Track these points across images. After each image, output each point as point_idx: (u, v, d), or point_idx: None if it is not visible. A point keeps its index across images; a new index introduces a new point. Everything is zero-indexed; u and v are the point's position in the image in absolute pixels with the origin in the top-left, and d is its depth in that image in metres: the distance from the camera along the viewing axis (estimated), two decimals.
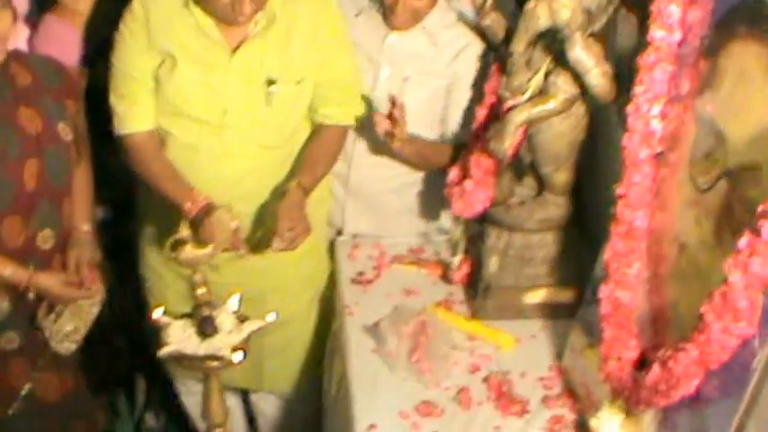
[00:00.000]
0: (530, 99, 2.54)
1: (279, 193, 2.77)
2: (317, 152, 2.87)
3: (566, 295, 2.81)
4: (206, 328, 2.41)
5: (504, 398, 2.48)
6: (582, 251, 2.83)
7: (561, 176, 2.71)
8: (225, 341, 2.41)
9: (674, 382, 1.93)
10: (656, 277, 2.25)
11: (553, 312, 2.81)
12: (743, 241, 1.75)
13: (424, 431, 2.38)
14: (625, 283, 2.27)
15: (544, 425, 2.43)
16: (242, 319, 2.48)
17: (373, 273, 3.00)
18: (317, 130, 2.89)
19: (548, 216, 2.76)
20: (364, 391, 2.52)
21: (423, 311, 2.74)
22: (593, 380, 2.42)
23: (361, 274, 2.99)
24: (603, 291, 2.29)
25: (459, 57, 2.92)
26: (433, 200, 3.09)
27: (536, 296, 2.82)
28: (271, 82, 2.70)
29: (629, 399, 2.13)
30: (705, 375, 1.91)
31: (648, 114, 2.24)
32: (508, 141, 2.51)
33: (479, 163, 2.69)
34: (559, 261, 2.81)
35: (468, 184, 2.71)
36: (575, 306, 2.76)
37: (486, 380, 2.57)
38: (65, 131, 2.67)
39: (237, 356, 2.39)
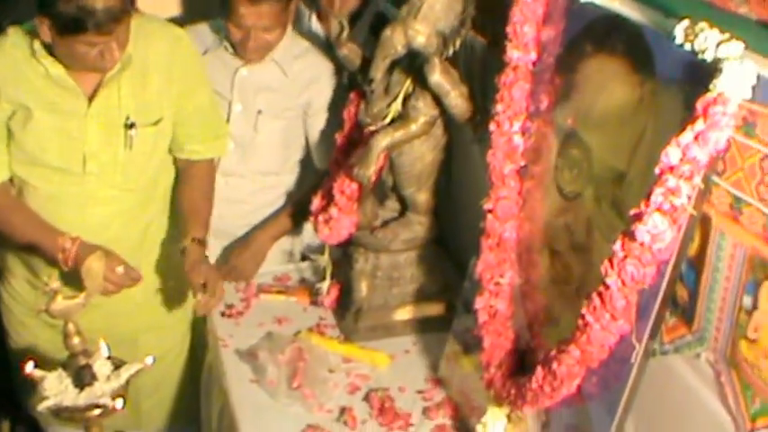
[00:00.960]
0: (391, 123, 2.63)
1: (168, 251, 2.77)
2: (195, 196, 2.88)
3: (434, 309, 2.93)
4: (84, 377, 2.37)
5: (387, 414, 2.55)
6: (445, 266, 2.93)
7: (423, 196, 2.81)
8: (104, 389, 2.37)
9: (557, 382, 2.03)
10: (529, 284, 2.36)
11: (423, 327, 2.92)
12: (617, 245, 1.86)
13: None
14: (499, 293, 2.37)
15: None
16: (117, 364, 2.45)
17: (242, 304, 3.03)
18: (186, 169, 2.89)
19: (413, 235, 2.85)
20: (249, 420, 2.55)
21: (297, 338, 2.79)
22: (472, 387, 2.53)
23: (230, 306, 3.02)
24: (479, 301, 2.38)
25: (311, 86, 2.99)
26: (294, 229, 3.15)
27: (406, 313, 2.91)
28: (130, 125, 2.68)
29: (513, 402, 2.23)
30: (586, 374, 2.02)
31: (510, 131, 2.35)
32: (373, 166, 2.59)
33: (343, 190, 2.76)
34: (426, 278, 2.91)
35: (333, 211, 2.77)
36: (443, 319, 2.88)
37: (366, 398, 2.63)
38: None
39: (119, 403, 2.35)
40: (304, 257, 3.31)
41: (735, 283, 1.83)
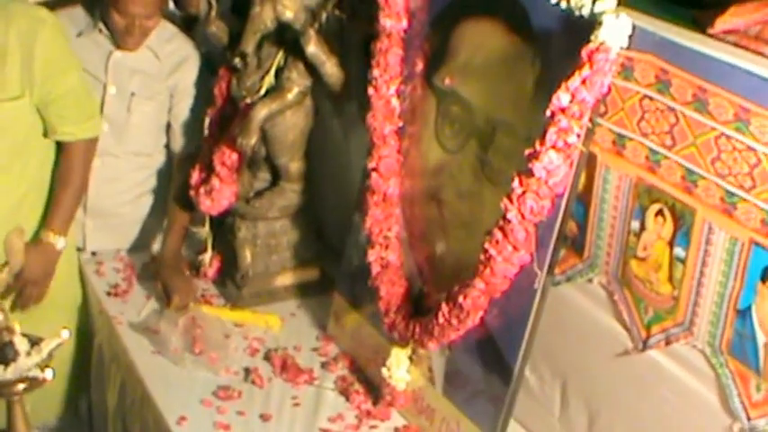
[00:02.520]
0: (266, 95, 2.76)
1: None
2: (61, 187, 2.94)
3: (310, 274, 3.09)
4: (8, 353, 2.39)
5: (290, 370, 2.69)
6: (315, 232, 3.10)
7: (295, 165, 2.95)
8: (28, 363, 2.40)
9: (463, 315, 2.23)
10: (416, 234, 2.56)
11: (302, 292, 3.08)
12: (515, 182, 2.07)
13: (230, 414, 2.54)
14: (388, 245, 2.56)
15: (334, 387, 2.66)
16: (33, 340, 2.48)
17: (125, 283, 3.09)
18: (64, 152, 2.92)
19: (287, 203, 2.99)
20: (160, 389, 2.63)
21: (187, 309, 2.88)
22: (364, 338, 2.72)
23: (115, 286, 3.07)
24: (371, 254, 2.56)
25: (181, 67, 3.06)
26: (161, 207, 3.24)
27: (285, 279, 3.07)
28: None
29: (419, 341, 2.41)
30: (489, 305, 2.23)
31: (387, 94, 2.54)
32: (254, 136, 2.72)
33: (224, 161, 2.86)
34: (301, 244, 3.06)
35: (215, 182, 2.88)
36: (319, 283, 3.06)
37: (267, 358, 2.77)
38: None
39: (49, 373, 2.37)
40: None
41: (622, 211, 2.09)
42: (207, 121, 2.98)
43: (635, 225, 2.07)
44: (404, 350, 2.51)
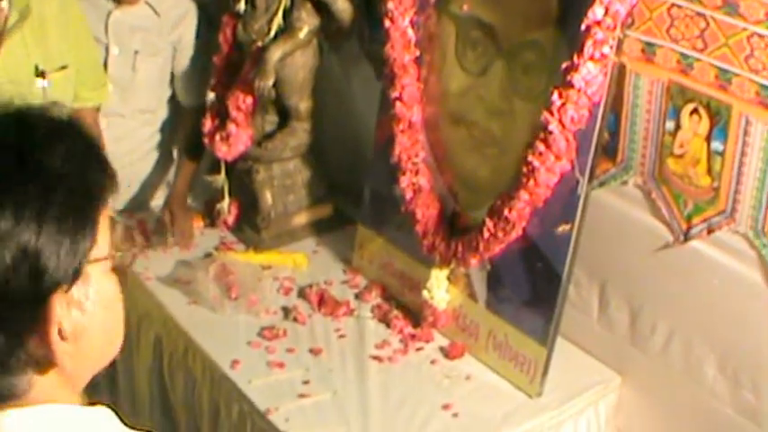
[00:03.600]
0: (275, 37, 2.95)
1: None
2: None
3: (325, 211, 3.31)
4: None
5: (328, 304, 2.91)
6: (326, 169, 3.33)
7: (305, 104, 3.15)
8: None
9: (509, 226, 2.48)
10: (442, 158, 2.78)
11: (318, 229, 3.30)
12: (555, 95, 2.31)
13: (280, 352, 2.75)
14: (418, 170, 2.78)
15: (371, 315, 2.89)
16: None
17: (143, 239, 3.26)
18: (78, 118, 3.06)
19: (299, 142, 3.20)
20: (205, 338, 2.83)
21: (214, 257, 3.08)
22: (392, 265, 2.94)
23: None
24: (402, 181, 2.78)
25: (182, 22, 3.23)
26: (167, 162, 3.42)
27: (302, 218, 3.28)
28: (40, 74, 2.83)
29: (461, 258, 2.65)
30: (531, 216, 2.47)
31: (403, 25, 2.74)
32: (271, 78, 2.92)
33: (239, 106, 3.05)
34: (314, 183, 3.27)
35: (231, 127, 3.07)
36: (333, 219, 3.28)
37: (302, 295, 2.99)
38: None
39: None
40: None
41: (655, 113, 2.34)
42: (214, 69, 3.15)
43: (669, 125, 2.32)
44: (443, 270, 2.74)
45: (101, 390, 3.42)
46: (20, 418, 1.05)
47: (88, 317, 1.07)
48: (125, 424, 1.15)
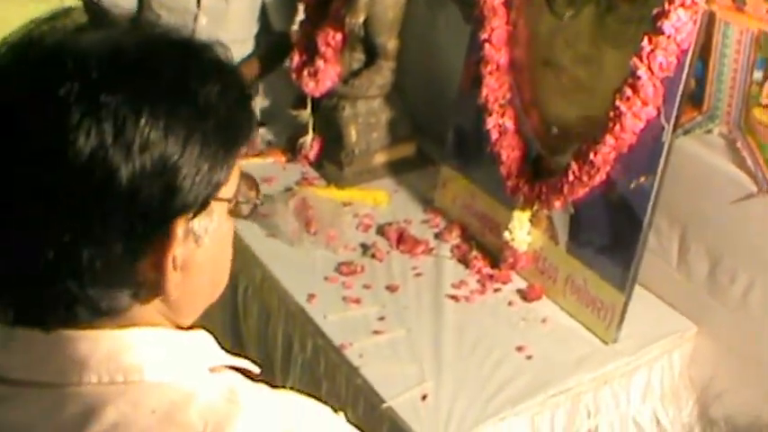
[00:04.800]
0: None
1: None
2: None
3: (407, 150, 3.45)
4: None
5: (407, 242, 3.06)
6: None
7: (392, 43, 3.30)
8: None
9: (594, 170, 2.59)
10: (527, 101, 2.90)
11: (399, 168, 3.45)
12: (644, 41, 2.41)
13: (356, 288, 2.90)
14: (505, 112, 2.90)
15: (450, 255, 3.03)
16: None
17: None
18: None
19: (385, 81, 3.35)
20: (282, 271, 2.99)
21: (294, 192, 3.24)
22: (475, 206, 3.08)
23: None
24: (489, 122, 2.91)
25: None
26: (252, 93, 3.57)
27: (384, 156, 3.42)
28: None
29: (545, 201, 2.77)
30: (616, 162, 2.58)
31: None
32: (362, 15, 3.06)
33: (328, 42, 3.20)
34: (397, 121, 3.41)
35: (319, 63, 3.22)
36: (415, 159, 3.42)
37: (381, 233, 3.14)
38: None
39: None
40: (260, 123, 3.73)
41: (744, 63, 2.43)
42: (302, 5, 3.30)
43: (758, 75, 2.41)
44: (525, 212, 2.87)
45: None
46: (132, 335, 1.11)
47: (202, 251, 1.13)
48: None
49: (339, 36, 3.19)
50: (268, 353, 3.07)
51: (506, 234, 2.89)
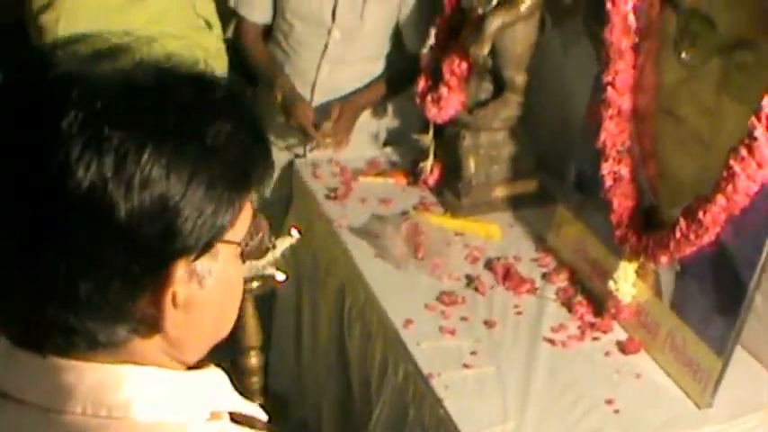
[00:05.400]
0: (498, 6, 3.08)
1: None
2: None
3: (528, 186, 3.42)
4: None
5: (513, 279, 3.03)
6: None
7: (521, 77, 3.28)
8: (262, 261, 2.79)
9: (702, 230, 2.53)
10: (645, 149, 2.85)
11: (519, 203, 3.42)
12: (765, 100, 2.34)
13: (454, 319, 2.89)
14: (621, 159, 2.86)
15: (554, 297, 3.00)
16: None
17: (343, 188, 3.48)
18: None
19: (510, 114, 3.33)
20: (385, 293, 3.00)
21: (408, 216, 3.26)
22: (586, 250, 3.04)
23: (333, 190, 3.47)
24: (604, 168, 2.87)
25: None
26: (380, 112, 3.63)
27: (504, 190, 3.41)
28: None
29: (651, 255, 2.72)
30: (726, 222, 2.52)
31: (625, 9, 2.82)
32: (487, 47, 3.05)
33: (453, 69, 3.21)
34: (520, 156, 3.39)
35: (443, 90, 3.23)
36: (537, 195, 3.39)
37: (488, 267, 3.12)
38: None
39: (281, 275, 2.77)
40: (386, 143, 3.78)
41: None
42: (433, 30, 3.32)
43: None
44: (631, 264, 2.82)
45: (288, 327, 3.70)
46: (130, 373, 1.11)
47: (205, 292, 1.11)
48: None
49: (465, 65, 3.19)
50: (367, 373, 3.09)
51: (611, 283, 2.84)
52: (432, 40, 3.37)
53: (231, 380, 1.23)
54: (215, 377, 1.19)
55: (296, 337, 3.67)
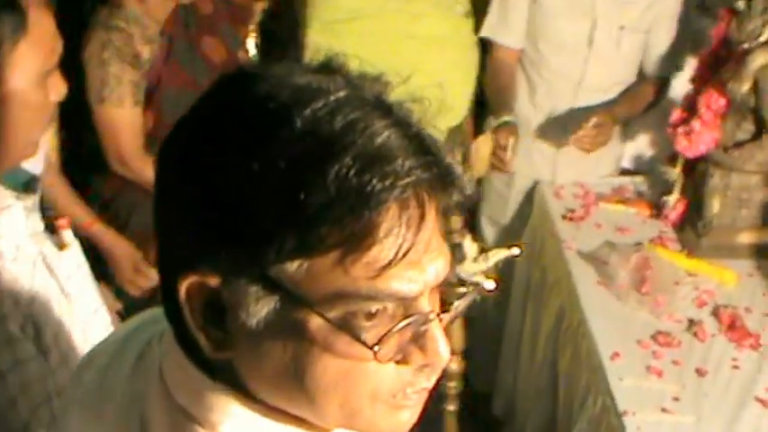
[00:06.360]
0: (766, 43, 2.93)
1: None
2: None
3: None
4: (454, 254, 2.79)
5: (737, 331, 2.87)
6: None
7: None
8: (473, 268, 2.79)
9: None
10: None
11: (763, 252, 3.23)
12: None
13: (665, 361, 2.77)
14: None
15: None
16: (483, 248, 2.87)
17: (582, 210, 3.42)
18: None
19: (767, 159, 3.15)
20: (599, 321, 2.92)
21: (641, 248, 3.15)
22: None
23: (571, 210, 3.42)
24: None
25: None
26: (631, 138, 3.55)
27: (751, 236, 3.23)
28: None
29: None
30: None
31: None
32: (747, 84, 2.91)
33: (710, 104, 3.08)
34: None
35: (695, 124, 3.10)
36: None
37: (714, 313, 2.97)
38: (244, 59, 3.09)
39: (490, 284, 2.75)
40: (630, 171, 3.69)
41: None
42: (696, 61, 3.21)
43: None
44: None
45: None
46: None
47: None
48: None
49: (722, 101, 3.04)
50: (571, 397, 3.02)
51: None
52: (690, 71, 3.25)
53: None
54: None
55: (517, 346, 3.66)
